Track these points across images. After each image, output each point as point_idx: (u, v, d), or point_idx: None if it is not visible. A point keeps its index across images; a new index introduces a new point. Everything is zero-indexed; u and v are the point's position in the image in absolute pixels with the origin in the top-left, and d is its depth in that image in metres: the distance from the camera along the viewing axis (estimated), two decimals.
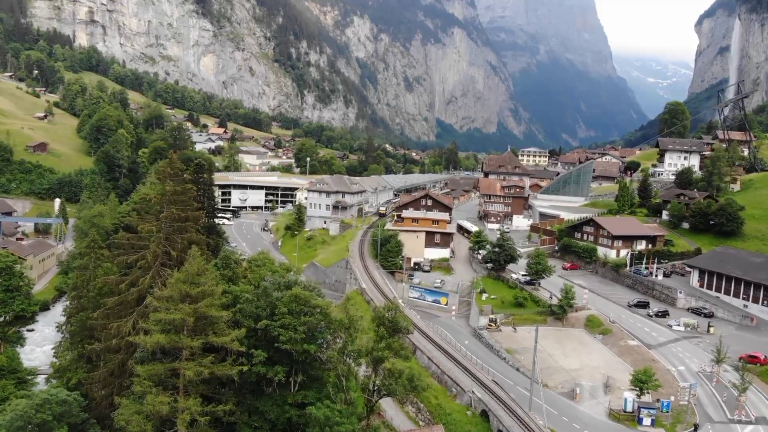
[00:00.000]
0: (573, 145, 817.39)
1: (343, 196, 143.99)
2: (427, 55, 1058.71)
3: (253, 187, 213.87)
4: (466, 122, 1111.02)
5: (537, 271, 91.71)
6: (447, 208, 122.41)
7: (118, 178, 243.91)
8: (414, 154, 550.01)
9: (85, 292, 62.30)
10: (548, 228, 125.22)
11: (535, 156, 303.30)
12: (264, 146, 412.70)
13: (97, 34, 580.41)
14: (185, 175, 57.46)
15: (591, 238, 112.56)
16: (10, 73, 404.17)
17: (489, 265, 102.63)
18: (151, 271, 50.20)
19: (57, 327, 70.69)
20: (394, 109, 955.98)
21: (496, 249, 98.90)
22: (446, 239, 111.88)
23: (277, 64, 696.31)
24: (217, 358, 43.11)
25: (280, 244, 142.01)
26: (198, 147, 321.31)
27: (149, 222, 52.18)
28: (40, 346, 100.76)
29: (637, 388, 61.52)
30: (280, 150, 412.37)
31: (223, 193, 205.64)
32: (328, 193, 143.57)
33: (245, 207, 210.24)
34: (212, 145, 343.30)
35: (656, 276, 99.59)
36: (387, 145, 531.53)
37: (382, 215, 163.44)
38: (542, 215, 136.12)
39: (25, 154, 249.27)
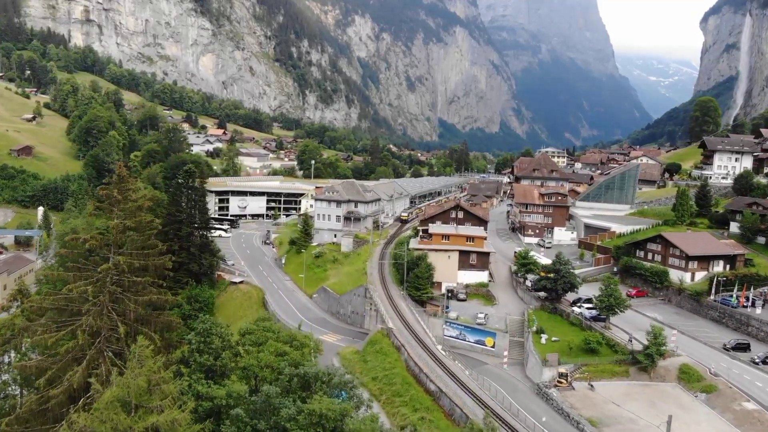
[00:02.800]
0: (577, 145, 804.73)
1: (355, 206, 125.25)
2: (429, 54, 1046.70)
3: (253, 194, 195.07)
4: (468, 122, 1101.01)
5: (609, 306, 72.93)
6: (482, 222, 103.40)
7: (108, 184, 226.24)
8: (419, 155, 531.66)
9: (6, 367, 43.77)
10: (598, 243, 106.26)
11: (553, 156, 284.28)
12: (265, 148, 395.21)
13: (93, 33, 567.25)
14: (144, 201, 38.95)
15: (658, 257, 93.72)
16: (0, 74, 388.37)
17: (541, 294, 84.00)
18: (87, 357, 32.04)
19: None
20: (397, 109, 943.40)
21: (552, 275, 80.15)
22: (483, 260, 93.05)
23: (277, 63, 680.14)
24: None
25: (283, 262, 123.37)
26: (195, 149, 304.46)
27: (87, 275, 33.68)
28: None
29: None
30: (282, 152, 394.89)
31: (220, 200, 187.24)
32: (339, 203, 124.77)
33: (245, 215, 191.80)
34: (210, 147, 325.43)
35: (754, 308, 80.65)
36: (391, 146, 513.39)
37: (404, 221, 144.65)
38: (588, 227, 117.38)
39: (8, 158, 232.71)
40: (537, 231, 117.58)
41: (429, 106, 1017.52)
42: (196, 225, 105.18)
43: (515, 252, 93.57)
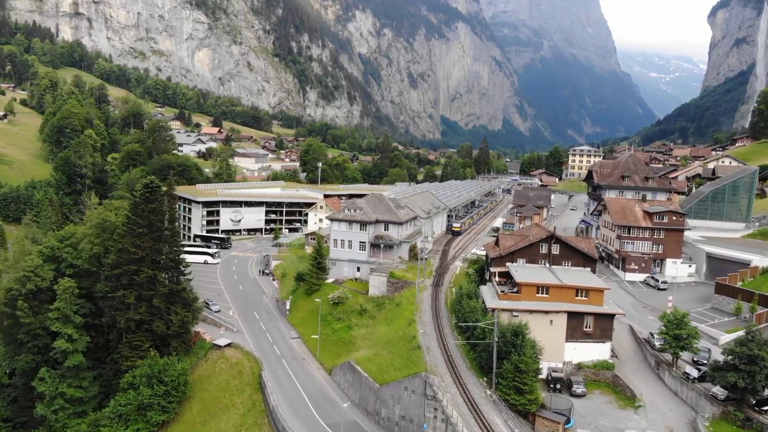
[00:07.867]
0: (579, 142, 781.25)
1: (386, 228, 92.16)
2: (431, 50, 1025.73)
3: (249, 204, 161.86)
4: (471, 119, 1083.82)
5: None
6: (587, 260, 69.18)
7: (80, 191, 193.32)
8: (428, 153, 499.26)
9: None
10: (741, 286, 73.12)
11: (588, 156, 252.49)
12: (264, 147, 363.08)
13: (83, 27, 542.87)
14: None
15: None
16: None
17: (717, 391, 51.23)
18: None
19: None
20: (399, 106, 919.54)
21: (738, 364, 47.47)
22: (604, 326, 58.73)
23: (277, 58, 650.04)
24: None
25: (288, 307, 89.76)
26: (186, 149, 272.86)
27: None
28: None
29: None
30: (283, 152, 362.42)
31: (209, 213, 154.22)
32: (364, 224, 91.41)
33: (239, 230, 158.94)
34: (202, 147, 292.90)
35: None
36: (397, 144, 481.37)
37: (455, 233, 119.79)
38: (712, 259, 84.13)
39: None
40: (642, 264, 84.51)
41: (431, 103, 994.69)
42: (162, 266, 71.95)
43: (663, 313, 59.18)
